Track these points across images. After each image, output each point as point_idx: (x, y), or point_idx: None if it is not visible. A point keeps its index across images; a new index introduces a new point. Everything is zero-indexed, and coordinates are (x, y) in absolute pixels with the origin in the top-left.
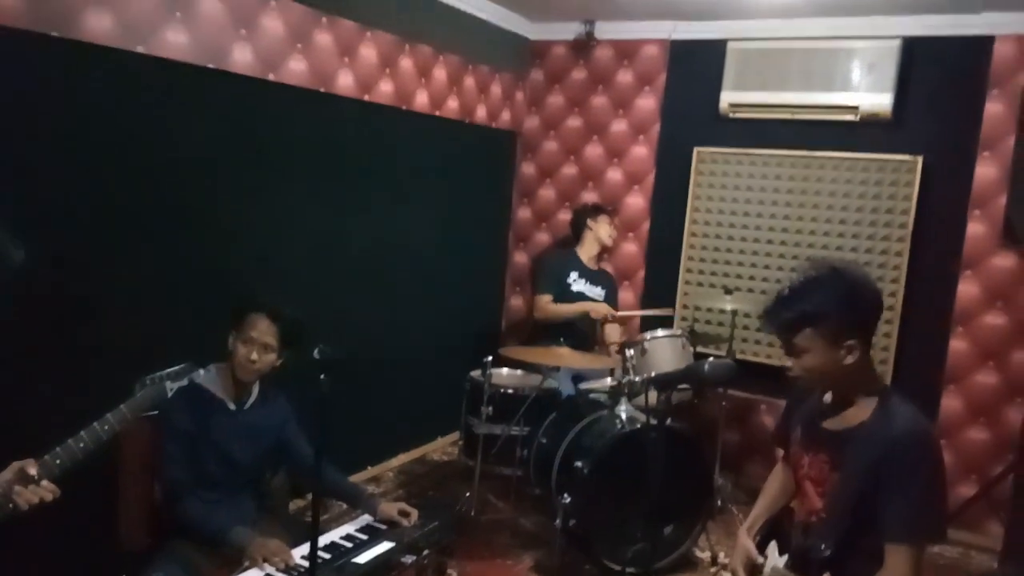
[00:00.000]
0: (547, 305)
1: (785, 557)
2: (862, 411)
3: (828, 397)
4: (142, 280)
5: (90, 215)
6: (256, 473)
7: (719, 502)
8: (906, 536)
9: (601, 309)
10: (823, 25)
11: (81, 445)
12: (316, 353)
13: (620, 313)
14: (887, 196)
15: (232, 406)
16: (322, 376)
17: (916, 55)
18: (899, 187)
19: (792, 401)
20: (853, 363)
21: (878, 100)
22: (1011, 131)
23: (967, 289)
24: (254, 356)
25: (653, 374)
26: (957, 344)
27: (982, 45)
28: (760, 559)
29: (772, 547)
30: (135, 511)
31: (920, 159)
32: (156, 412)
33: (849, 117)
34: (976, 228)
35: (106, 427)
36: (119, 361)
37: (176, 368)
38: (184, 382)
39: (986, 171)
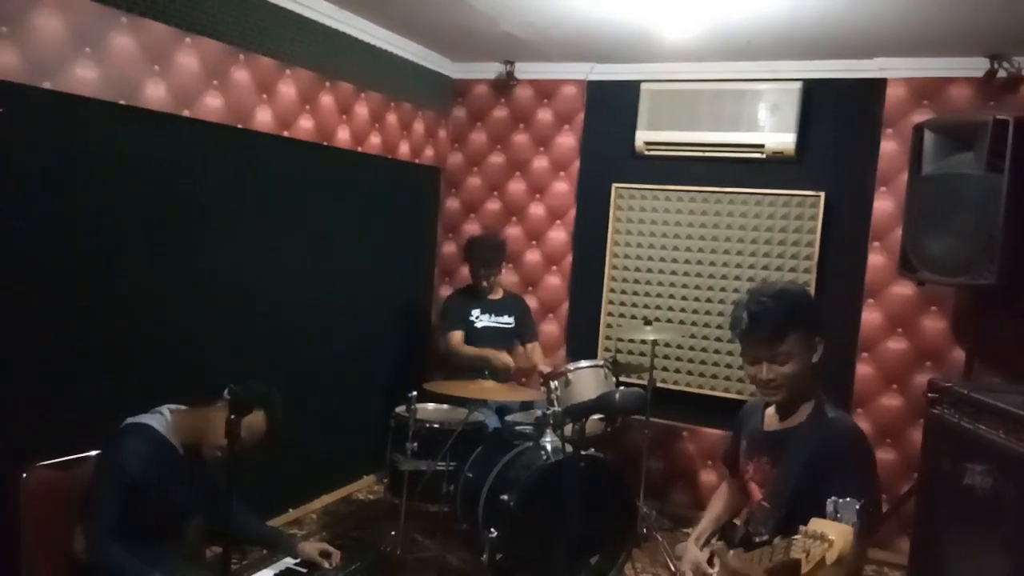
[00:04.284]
0: (459, 344)
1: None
2: (801, 414)
3: (772, 409)
4: (35, 319)
5: None
6: (189, 520)
7: (644, 530)
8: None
9: (502, 361)
10: (729, 68)
11: None
12: (226, 394)
13: (522, 362)
14: (793, 230)
15: (180, 451)
16: (231, 417)
17: (816, 97)
18: (804, 221)
19: (738, 425)
20: (816, 361)
21: (782, 139)
22: (904, 168)
23: (870, 316)
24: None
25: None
26: (863, 368)
27: (876, 88)
28: (710, 571)
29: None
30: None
31: (823, 195)
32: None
33: (756, 155)
34: (876, 259)
35: None
36: None
37: None
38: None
39: (883, 205)
